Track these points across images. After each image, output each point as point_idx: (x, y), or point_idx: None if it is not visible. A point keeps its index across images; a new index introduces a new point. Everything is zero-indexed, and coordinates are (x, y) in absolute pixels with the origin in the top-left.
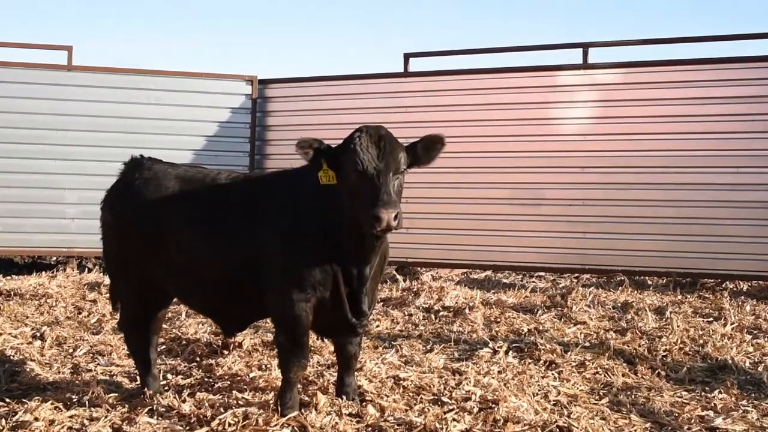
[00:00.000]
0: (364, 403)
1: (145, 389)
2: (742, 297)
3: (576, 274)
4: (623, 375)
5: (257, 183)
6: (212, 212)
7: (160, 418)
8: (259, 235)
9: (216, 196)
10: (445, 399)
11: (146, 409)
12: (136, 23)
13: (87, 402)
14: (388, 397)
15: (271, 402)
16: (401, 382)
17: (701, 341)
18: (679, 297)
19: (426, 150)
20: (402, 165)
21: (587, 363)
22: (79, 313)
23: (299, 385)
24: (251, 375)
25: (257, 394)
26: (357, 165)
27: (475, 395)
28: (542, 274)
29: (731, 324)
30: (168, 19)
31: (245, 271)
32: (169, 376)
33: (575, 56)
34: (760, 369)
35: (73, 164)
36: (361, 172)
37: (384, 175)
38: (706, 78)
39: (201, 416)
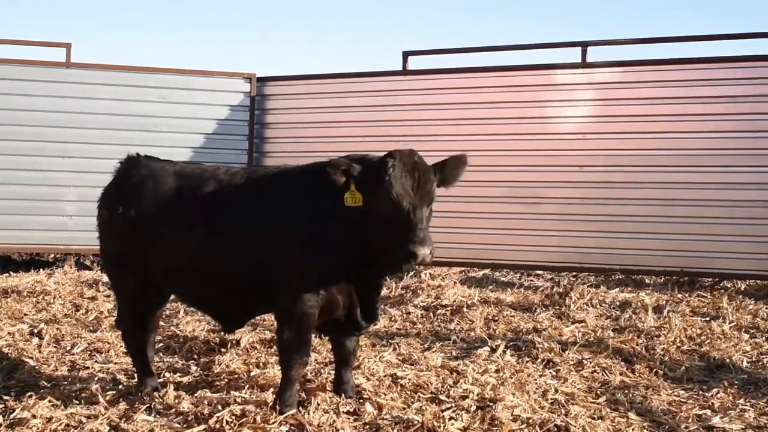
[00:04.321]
0: (361, 401)
1: (143, 387)
2: (740, 296)
3: (574, 273)
4: (621, 374)
5: (266, 181)
6: (219, 209)
7: (157, 416)
8: (272, 234)
9: (221, 192)
10: (443, 397)
11: (144, 407)
12: (135, 20)
13: (84, 399)
14: (385, 395)
15: (269, 400)
16: (399, 380)
17: (699, 340)
18: (678, 296)
19: (452, 172)
20: (434, 195)
21: (585, 362)
22: (77, 311)
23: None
24: (249, 373)
25: (255, 391)
26: (392, 198)
27: (473, 394)
28: (540, 272)
29: (729, 323)
30: (166, 17)
31: (253, 269)
32: (167, 373)
33: (574, 55)
34: (757, 368)
35: (72, 161)
36: (396, 206)
37: (419, 209)
38: (704, 77)
39: (199, 414)
